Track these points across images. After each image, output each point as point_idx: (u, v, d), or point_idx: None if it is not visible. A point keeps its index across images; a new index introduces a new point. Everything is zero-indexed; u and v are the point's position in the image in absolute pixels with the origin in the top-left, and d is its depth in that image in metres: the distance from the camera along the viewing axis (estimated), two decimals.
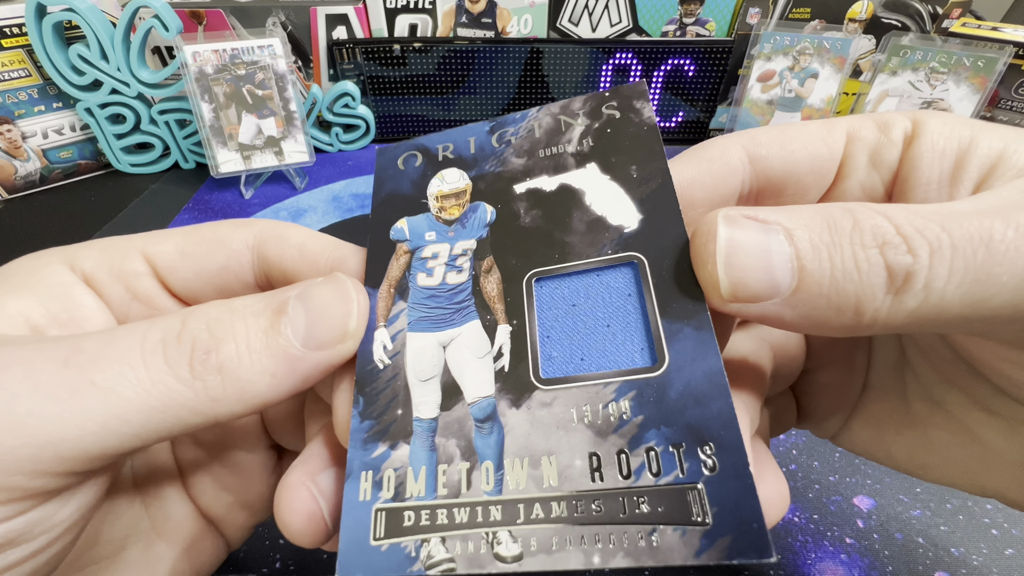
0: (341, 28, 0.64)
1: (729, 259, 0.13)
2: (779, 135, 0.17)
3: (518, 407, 0.14)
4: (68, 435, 0.11)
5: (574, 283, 0.15)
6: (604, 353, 0.14)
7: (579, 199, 0.16)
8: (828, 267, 0.12)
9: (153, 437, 0.13)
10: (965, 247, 0.11)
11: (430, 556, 0.13)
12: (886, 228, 0.12)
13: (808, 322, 0.13)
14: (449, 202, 0.18)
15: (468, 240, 0.17)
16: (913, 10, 0.63)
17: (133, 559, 0.17)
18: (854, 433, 0.21)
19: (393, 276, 0.17)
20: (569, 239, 0.16)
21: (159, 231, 0.18)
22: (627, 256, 0.15)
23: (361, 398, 0.15)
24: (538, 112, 0.18)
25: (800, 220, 0.12)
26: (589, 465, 0.13)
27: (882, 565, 0.27)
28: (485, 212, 0.17)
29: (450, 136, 0.19)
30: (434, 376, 0.15)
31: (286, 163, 0.58)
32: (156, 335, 0.13)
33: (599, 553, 0.12)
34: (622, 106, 0.17)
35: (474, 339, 0.15)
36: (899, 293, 0.12)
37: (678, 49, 0.64)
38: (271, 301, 0.14)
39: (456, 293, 0.16)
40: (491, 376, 0.15)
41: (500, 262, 0.16)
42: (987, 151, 0.14)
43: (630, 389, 0.13)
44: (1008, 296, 0.11)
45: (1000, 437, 0.17)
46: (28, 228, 0.55)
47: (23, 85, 0.56)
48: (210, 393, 0.13)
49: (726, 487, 0.12)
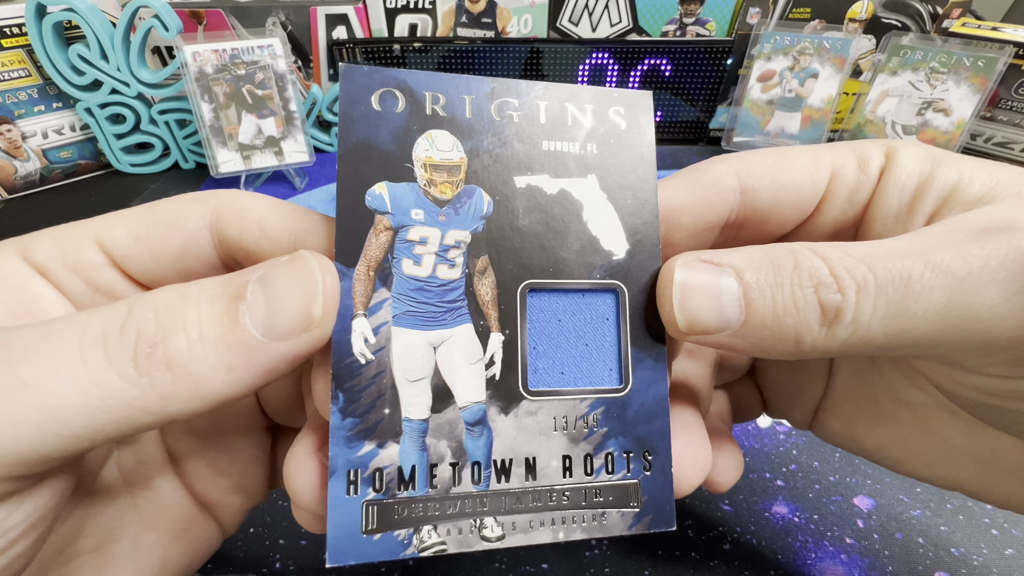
0: (341, 28, 0.64)
1: (683, 301, 0.15)
2: (773, 167, 0.17)
3: (507, 414, 0.15)
4: (1, 439, 0.11)
5: (562, 300, 0.16)
6: (581, 369, 0.16)
7: (578, 212, 0.16)
8: (771, 304, 0.14)
9: (101, 438, 0.12)
10: (887, 286, 0.13)
11: (422, 541, 0.14)
12: (821, 269, 0.14)
13: (757, 350, 0.15)
14: (440, 175, 0.15)
15: (462, 231, 0.15)
16: (913, 10, 0.63)
17: (121, 550, 0.17)
18: (829, 427, 0.22)
19: (372, 256, 0.15)
20: (564, 255, 0.16)
21: (113, 213, 0.16)
22: (611, 284, 0.16)
23: (341, 394, 0.14)
24: (544, 90, 0.16)
25: (750, 262, 0.14)
26: (562, 465, 0.15)
27: (882, 565, 0.27)
28: (482, 201, 0.16)
29: (442, 83, 0.16)
30: (424, 377, 0.15)
31: (286, 163, 0.58)
32: (97, 327, 0.12)
33: (564, 530, 0.15)
34: (628, 115, 0.17)
35: (467, 344, 0.15)
36: (831, 326, 0.13)
37: (678, 49, 0.64)
38: (229, 285, 0.13)
39: (448, 291, 0.15)
40: (483, 382, 0.15)
41: (495, 265, 0.15)
42: (942, 185, 0.16)
43: (600, 405, 0.16)
44: (924, 327, 0.13)
45: (959, 435, 0.18)
46: (28, 228, 0.54)
47: (23, 85, 0.56)
48: (159, 391, 0.12)
49: (655, 482, 0.16)
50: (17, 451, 0.11)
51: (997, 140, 0.60)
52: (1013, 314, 0.12)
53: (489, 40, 0.64)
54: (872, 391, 0.21)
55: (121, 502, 0.18)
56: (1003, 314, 0.12)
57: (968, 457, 0.18)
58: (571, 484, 0.15)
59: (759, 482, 0.31)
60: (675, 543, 0.28)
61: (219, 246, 0.16)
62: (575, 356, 0.16)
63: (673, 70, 0.65)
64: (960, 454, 0.18)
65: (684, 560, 0.27)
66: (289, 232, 0.16)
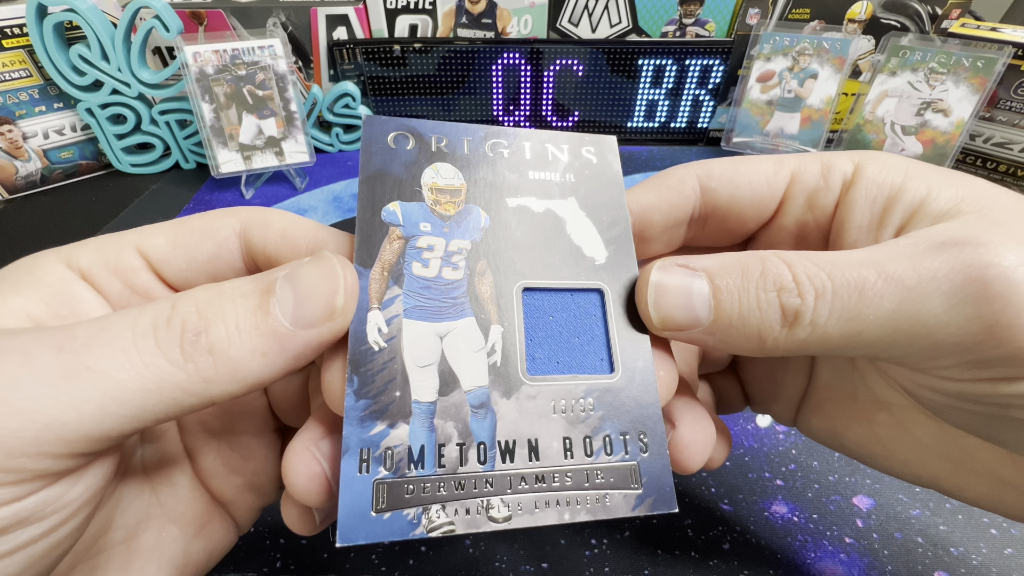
0: (341, 28, 0.64)
1: (657, 300, 0.16)
2: (731, 171, 0.19)
3: (508, 398, 0.16)
4: (67, 418, 0.12)
5: (554, 298, 0.18)
6: (574, 359, 0.18)
7: (561, 227, 0.19)
8: (737, 305, 0.15)
9: (151, 418, 0.13)
10: (842, 292, 0.14)
11: (431, 521, 0.15)
12: (785, 275, 0.15)
13: (725, 345, 0.16)
14: (444, 197, 0.18)
15: (463, 240, 0.18)
16: (912, 11, 0.63)
17: (147, 543, 0.18)
18: (811, 424, 0.23)
19: (386, 259, 0.17)
20: (552, 260, 0.18)
21: (150, 225, 0.18)
22: (595, 285, 0.18)
23: (356, 377, 0.16)
24: (529, 134, 0.20)
25: (722, 267, 0.16)
26: (563, 446, 0.16)
27: (881, 565, 0.27)
28: (479, 216, 0.18)
29: (444, 129, 0.19)
30: (432, 363, 0.16)
31: (286, 163, 0.58)
32: (147, 319, 0.13)
33: (569, 512, 0.15)
34: (598, 152, 0.21)
35: (470, 334, 0.17)
36: (791, 327, 0.15)
37: (677, 49, 0.64)
38: (259, 282, 0.15)
39: (452, 289, 0.17)
40: (485, 369, 0.16)
41: (493, 269, 0.18)
42: (910, 198, 0.17)
43: (594, 390, 0.17)
44: (876, 331, 0.14)
45: (930, 436, 0.19)
46: (29, 228, 0.55)
47: (24, 85, 0.56)
48: (202, 374, 0.13)
49: (653, 464, 0.16)
50: (82, 429, 0.12)
51: (996, 140, 0.60)
52: (956, 322, 0.13)
53: (489, 41, 0.64)
54: (852, 390, 0.22)
55: (146, 497, 0.19)
56: (947, 321, 0.13)
57: (940, 456, 0.19)
58: (572, 465, 0.16)
59: (758, 482, 0.31)
60: (675, 543, 0.28)
61: (245, 253, 0.18)
62: (568, 347, 0.18)
63: (674, 70, 0.65)
64: (932, 453, 0.19)
65: (684, 560, 0.27)
66: (308, 242, 0.18)
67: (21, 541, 0.12)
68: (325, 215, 0.56)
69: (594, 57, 0.64)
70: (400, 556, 0.27)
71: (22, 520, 0.12)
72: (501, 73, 0.66)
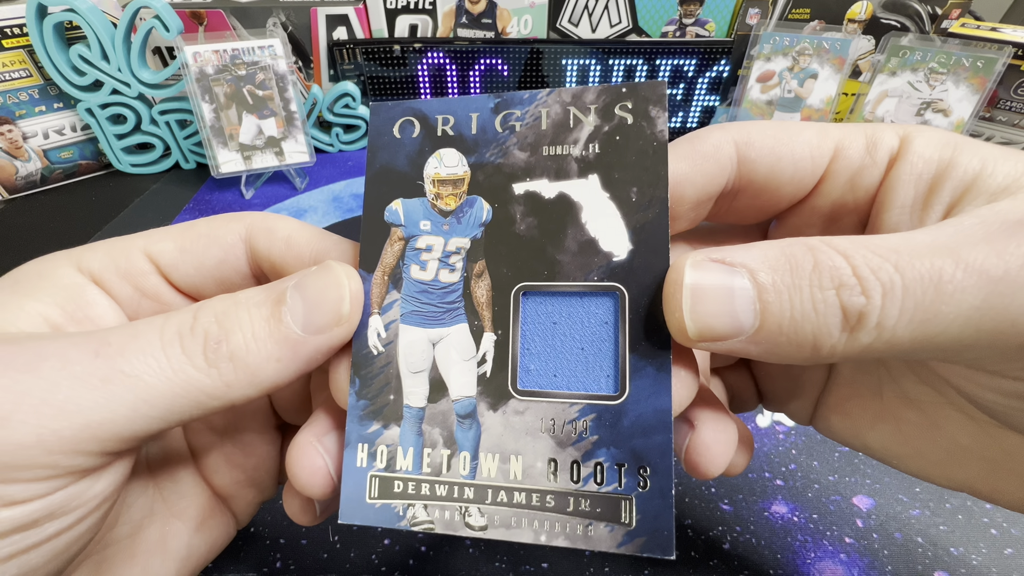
0: (341, 29, 0.64)
1: (694, 307, 0.13)
2: (772, 139, 0.17)
3: (495, 411, 0.16)
4: (103, 419, 0.13)
5: (558, 302, 0.16)
6: (575, 374, 0.16)
7: (575, 215, 0.16)
8: (788, 308, 0.13)
9: (176, 420, 0.14)
10: (915, 288, 0.12)
11: (414, 516, 0.16)
12: (843, 269, 0.12)
13: (772, 356, 0.14)
14: (446, 189, 0.17)
15: (462, 238, 0.17)
16: (912, 11, 0.63)
17: (151, 537, 0.19)
18: (831, 423, 0.22)
19: (387, 263, 0.17)
20: (560, 257, 0.16)
21: (158, 229, 0.19)
22: (610, 286, 0.16)
23: (357, 379, 0.17)
24: (548, 97, 0.17)
25: (764, 261, 0.13)
26: (548, 468, 0.15)
27: (881, 565, 0.27)
28: (481, 210, 0.17)
29: (451, 107, 0.17)
30: (423, 370, 0.16)
31: (286, 163, 0.58)
32: (172, 328, 0.14)
33: (546, 534, 0.15)
34: (636, 109, 0.16)
35: (461, 342, 0.16)
36: (853, 331, 0.12)
37: (677, 50, 0.64)
38: (271, 292, 0.16)
39: (447, 293, 0.17)
40: (474, 379, 0.16)
41: (491, 268, 0.17)
42: (962, 174, 0.15)
43: (592, 411, 0.15)
44: (955, 332, 0.12)
45: (968, 435, 0.18)
46: (29, 228, 0.55)
47: (24, 85, 0.56)
48: (224, 379, 0.14)
49: (651, 502, 0.15)
50: (115, 429, 0.13)
51: (996, 140, 0.60)
52: None
53: (489, 41, 0.64)
54: (878, 386, 0.20)
55: (151, 493, 0.20)
56: None
57: (977, 457, 0.17)
58: (555, 488, 0.15)
59: (758, 481, 0.31)
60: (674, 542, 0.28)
61: (251, 258, 0.19)
62: (570, 359, 0.16)
63: (674, 70, 0.65)
64: (969, 454, 0.18)
65: (684, 560, 0.27)
66: (311, 249, 0.18)
67: (48, 534, 0.13)
68: (325, 215, 0.56)
69: (594, 57, 0.64)
70: (400, 556, 0.27)
71: (50, 514, 0.13)
72: (506, 72, 0.66)
